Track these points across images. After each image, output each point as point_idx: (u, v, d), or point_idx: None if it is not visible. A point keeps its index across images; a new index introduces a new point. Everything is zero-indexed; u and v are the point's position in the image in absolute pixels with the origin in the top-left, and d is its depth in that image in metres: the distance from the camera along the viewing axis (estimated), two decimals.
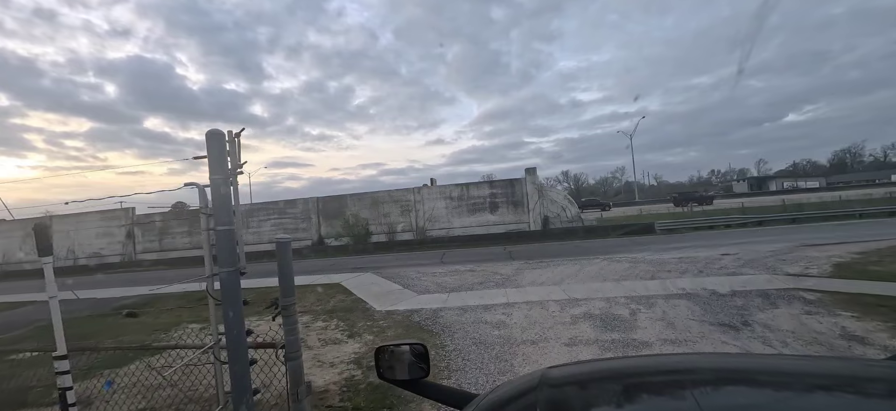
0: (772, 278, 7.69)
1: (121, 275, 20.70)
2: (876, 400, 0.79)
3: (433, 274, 11.42)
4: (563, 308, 6.69)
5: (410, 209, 23.88)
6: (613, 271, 9.72)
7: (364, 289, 9.79)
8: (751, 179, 75.66)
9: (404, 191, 24.32)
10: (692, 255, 11.33)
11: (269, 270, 15.34)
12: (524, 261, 12.58)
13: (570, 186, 70.03)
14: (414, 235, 23.25)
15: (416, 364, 1.25)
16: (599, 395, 0.90)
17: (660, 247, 14.03)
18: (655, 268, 9.74)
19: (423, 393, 1.24)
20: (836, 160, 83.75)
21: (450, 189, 23.78)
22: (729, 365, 1.05)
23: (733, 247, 12.62)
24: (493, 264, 12.47)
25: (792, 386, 0.84)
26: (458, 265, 12.91)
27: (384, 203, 24.16)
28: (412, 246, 21.56)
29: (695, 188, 64.84)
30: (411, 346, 1.27)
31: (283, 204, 25.35)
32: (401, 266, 14.15)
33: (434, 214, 23.63)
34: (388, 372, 1.28)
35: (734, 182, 79.88)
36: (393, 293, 9.05)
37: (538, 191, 22.51)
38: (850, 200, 24.31)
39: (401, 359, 1.27)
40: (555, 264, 11.40)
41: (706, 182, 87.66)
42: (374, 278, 11.35)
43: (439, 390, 1.24)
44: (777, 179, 72.05)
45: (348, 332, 6.16)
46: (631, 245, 15.37)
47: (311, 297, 9.41)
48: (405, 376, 1.25)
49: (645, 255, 11.95)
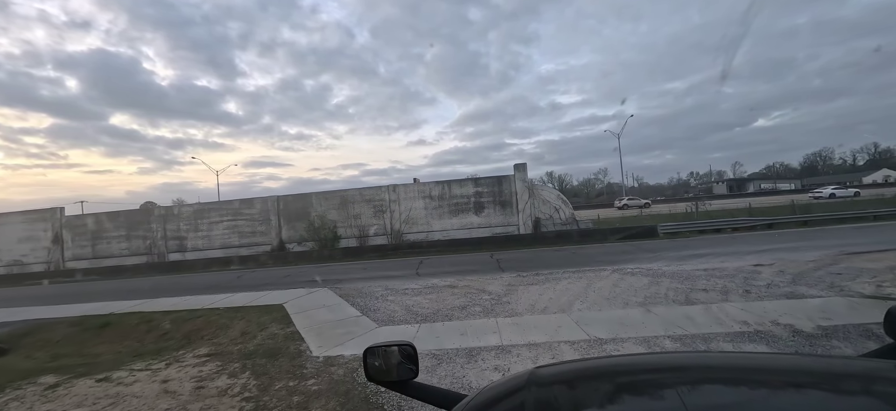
0: (851, 302, 5.92)
1: (33, 289, 17.75)
2: (850, 397, 0.83)
3: (404, 291, 9.33)
4: (584, 356, 4.72)
5: (384, 209, 21.68)
6: (633, 289, 7.84)
7: (310, 316, 7.62)
8: (729, 181, 78.62)
9: (378, 189, 22.11)
10: (718, 266, 9.61)
11: (209, 284, 12.72)
12: (516, 274, 10.62)
13: (555, 188, 69.51)
14: (388, 239, 21.06)
15: (405, 365, 1.26)
16: (588, 394, 0.92)
17: (673, 254, 12.31)
18: (684, 284, 7.92)
19: (412, 394, 1.24)
20: (807, 163, 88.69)
21: (429, 187, 21.70)
22: (715, 363, 1.08)
23: (761, 255, 11.00)
24: (479, 276, 10.47)
25: (773, 383, 0.87)
26: (436, 278, 10.85)
27: (354, 203, 21.88)
28: (386, 252, 19.38)
29: (675, 189, 66.40)
30: (400, 347, 1.28)
31: (239, 203, 22.73)
32: (367, 278, 11.99)
33: (412, 216, 21.51)
34: (377, 374, 1.27)
35: (714, 184, 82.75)
36: (345, 323, 6.91)
37: (528, 189, 20.66)
38: (859, 201, 23.41)
39: (389, 361, 1.27)
40: (555, 278, 9.47)
41: (685, 184, 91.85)
42: (328, 297, 9.17)
43: (428, 391, 1.24)
44: (754, 181, 75.19)
45: (253, 406, 4.01)
46: (637, 251, 13.63)
47: (235, 329, 7.18)
48: (394, 377, 1.26)
49: (661, 266, 10.17)
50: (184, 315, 8.82)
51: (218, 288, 12.80)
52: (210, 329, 7.66)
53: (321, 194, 22.42)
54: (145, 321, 8.68)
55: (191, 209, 22.89)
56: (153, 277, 19.09)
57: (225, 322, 7.93)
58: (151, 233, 23.01)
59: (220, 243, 22.32)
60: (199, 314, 8.73)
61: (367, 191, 22.13)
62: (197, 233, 22.60)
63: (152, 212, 23.17)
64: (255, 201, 22.75)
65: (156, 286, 14.61)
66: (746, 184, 73.48)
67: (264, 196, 22.63)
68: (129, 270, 21.28)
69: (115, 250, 23.25)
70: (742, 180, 77.80)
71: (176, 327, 8.15)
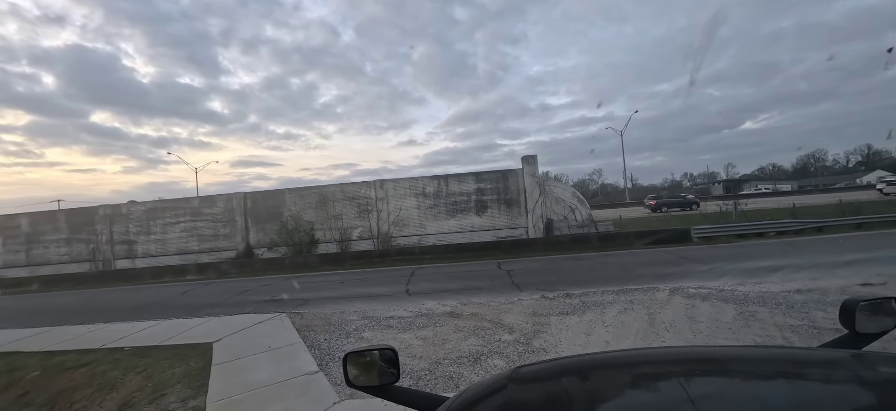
0: None
1: None
2: (810, 383, 0.92)
3: (388, 323, 6.95)
4: None
5: (370, 209, 19.25)
6: (719, 326, 5.54)
7: (239, 370, 5.20)
8: (726, 182, 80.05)
9: (362, 185, 19.66)
10: (814, 286, 7.38)
11: (143, 303, 9.68)
12: (539, 294, 8.28)
13: None
14: (375, 244, 18.63)
15: (387, 369, 1.28)
16: (568, 390, 0.95)
17: (732, 266, 10.04)
18: (794, 318, 5.64)
19: (394, 398, 1.26)
20: (799, 164, 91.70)
21: (423, 182, 19.30)
22: (686, 356, 1.16)
23: (850, 268, 8.77)
24: (489, 298, 8.12)
25: (738, 372, 0.96)
26: (431, 299, 8.48)
27: (335, 201, 19.41)
28: (371, 259, 16.95)
29: (672, 190, 66.94)
30: (381, 351, 1.30)
31: (199, 202, 20.13)
32: (343, 297, 9.59)
33: (402, 216, 19.10)
34: (358, 379, 1.29)
35: (712, 185, 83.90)
36: (288, 391, 4.50)
37: (539, 186, 18.34)
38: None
39: (371, 365, 1.30)
40: (595, 303, 7.13)
41: (678, 185, 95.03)
42: (281, 332, 6.76)
43: (410, 395, 1.26)
44: (749, 182, 76.65)
45: None
46: (683, 261, 11.37)
47: (121, 392, 4.83)
48: (375, 382, 1.28)
49: (732, 284, 7.89)
50: (69, 359, 6.37)
51: (150, 309, 10.32)
52: (88, 389, 5.22)
53: (296, 191, 19.90)
54: (8, 370, 6.20)
55: (142, 208, 20.23)
56: (90, 290, 16.48)
57: (116, 375, 5.49)
58: (96, 236, 20.34)
59: (177, 248, 19.71)
60: (89, 359, 6.29)
61: (349, 188, 19.67)
62: (149, 237, 19.98)
63: (97, 212, 20.49)
64: (218, 199, 20.15)
65: (80, 305, 12.06)
66: (742, 185, 74.14)
67: (229, 192, 20.07)
68: (67, 280, 18.61)
69: (54, 256, 20.54)
70: (737, 181, 78.69)
71: (45, 383, 5.69)
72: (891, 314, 1.17)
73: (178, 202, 20.30)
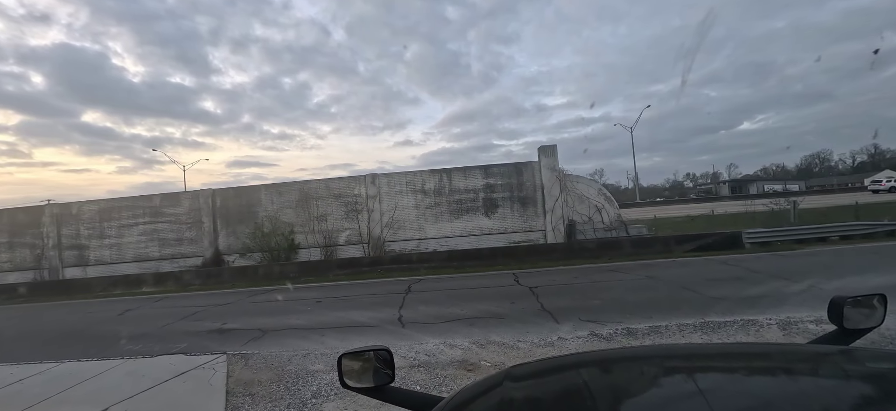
0: None
1: None
2: (799, 377, 0.93)
3: None
4: None
5: (360, 209, 17.05)
6: None
7: None
8: (731, 182, 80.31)
9: (351, 180, 17.47)
10: None
11: (63, 330, 7.32)
12: (585, 327, 6.09)
13: None
14: (365, 249, 16.43)
15: (382, 370, 1.26)
16: (564, 387, 0.97)
17: (833, 284, 7.83)
18: None
19: (389, 399, 1.24)
20: (803, 164, 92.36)
21: (422, 177, 17.10)
22: (680, 353, 1.22)
23: None
24: (516, 332, 5.93)
25: (729, 368, 0.99)
26: (433, 334, 6.28)
27: (319, 199, 17.21)
28: (361, 267, 14.77)
29: (672, 191, 67.51)
30: (376, 352, 1.27)
31: (160, 200, 17.88)
32: (313, 328, 7.38)
33: (398, 217, 16.92)
34: (353, 380, 1.27)
35: (717, 185, 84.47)
36: None
37: (559, 181, 16.12)
38: None
39: (365, 366, 1.28)
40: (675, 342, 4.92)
41: (679, 185, 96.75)
42: (203, 398, 4.58)
43: (405, 395, 1.25)
44: (755, 182, 76.40)
45: None
46: (753, 276, 9.18)
47: None
48: (370, 383, 1.26)
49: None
50: None
51: (71, 338, 8.20)
52: None
53: (273, 187, 17.68)
54: None
55: (95, 208, 17.97)
56: (24, 305, 14.33)
57: None
58: (42, 240, 18.13)
59: (134, 254, 17.49)
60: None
61: (336, 183, 17.45)
62: (103, 241, 17.75)
63: (43, 212, 18.27)
64: (183, 197, 17.91)
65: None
66: (747, 185, 74.17)
67: (195, 189, 17.86)
68: (2, 293, 16.40)
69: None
70: (742, 181, 78.72)
71: None
72: (877, 311, 1.22)
73: (136, 200, 18.03)
